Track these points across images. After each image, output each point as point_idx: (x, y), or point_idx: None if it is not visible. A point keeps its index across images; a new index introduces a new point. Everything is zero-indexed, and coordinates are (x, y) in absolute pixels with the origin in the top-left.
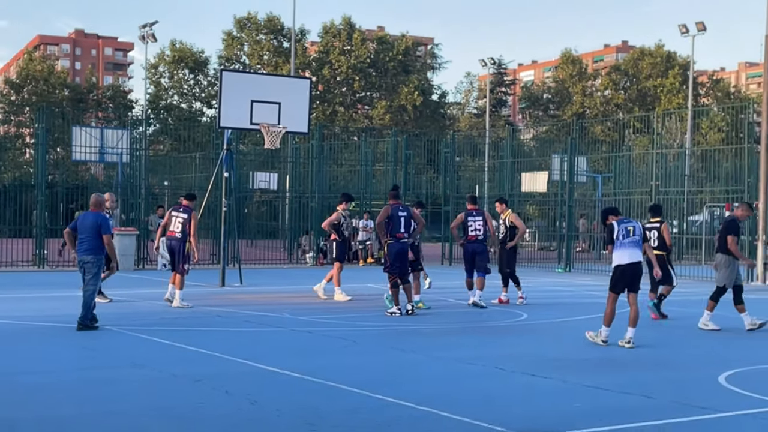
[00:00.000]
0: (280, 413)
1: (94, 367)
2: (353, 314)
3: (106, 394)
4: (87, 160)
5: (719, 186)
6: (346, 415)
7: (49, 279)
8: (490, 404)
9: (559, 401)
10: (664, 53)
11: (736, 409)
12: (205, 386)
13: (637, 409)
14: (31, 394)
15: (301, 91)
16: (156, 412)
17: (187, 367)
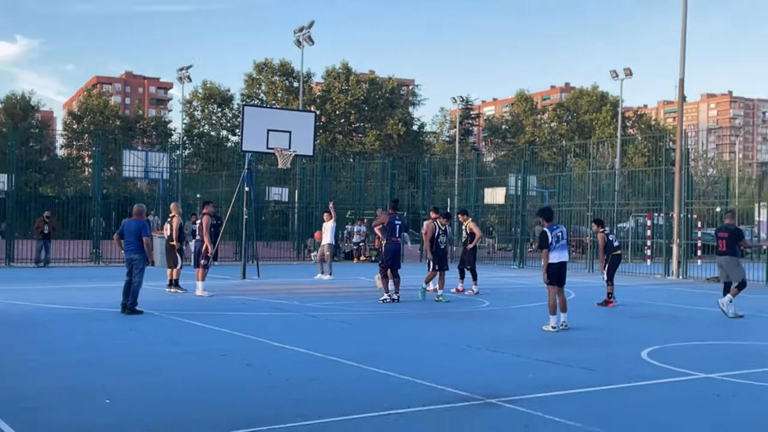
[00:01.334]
0: (290, 382)
1: (138, 344)
2: (349, 302)
3: (148, 366)
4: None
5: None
6: (342, 383)
7: (103, 273)
8: (458, 374)
9: (515, 372)
10: (599, 93)
11: (656, 378)
12: (229, 360)
13: (578, 379)
14: (88, 365)
15: (308, 122)
16: (189, 381)
17: (215, 344)
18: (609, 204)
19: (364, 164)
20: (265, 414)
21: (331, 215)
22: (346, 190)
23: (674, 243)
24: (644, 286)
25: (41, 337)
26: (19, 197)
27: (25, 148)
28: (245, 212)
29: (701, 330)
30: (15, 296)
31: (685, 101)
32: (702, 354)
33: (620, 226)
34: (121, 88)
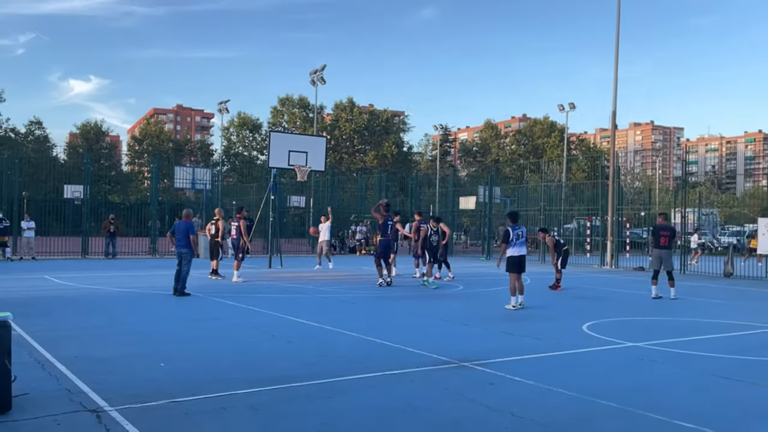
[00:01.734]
0: (305, 348)
1: (186, 319)
2: (353, 286)
3: (195, 336)
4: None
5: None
6: (347, 350)
7: (158, 263)
8: (438, 343)
9: (483, 341)
10: (549, 122)
11: (593, 347)
12: (258, 331)
13: (533, 347)
14: (145, 336)
15: (321, 145)
16: (227, 348)
17: (247, 320)
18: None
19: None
20: (286, 374)
21: (328, 217)
22: (350, 198)
23: (608, 240)
24: (585, 274)
25: (108, 313)
26: (93, 204)
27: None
28: (271, 215)
29: (630, 309)
30: (88, 281)
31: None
32: (630, 328)
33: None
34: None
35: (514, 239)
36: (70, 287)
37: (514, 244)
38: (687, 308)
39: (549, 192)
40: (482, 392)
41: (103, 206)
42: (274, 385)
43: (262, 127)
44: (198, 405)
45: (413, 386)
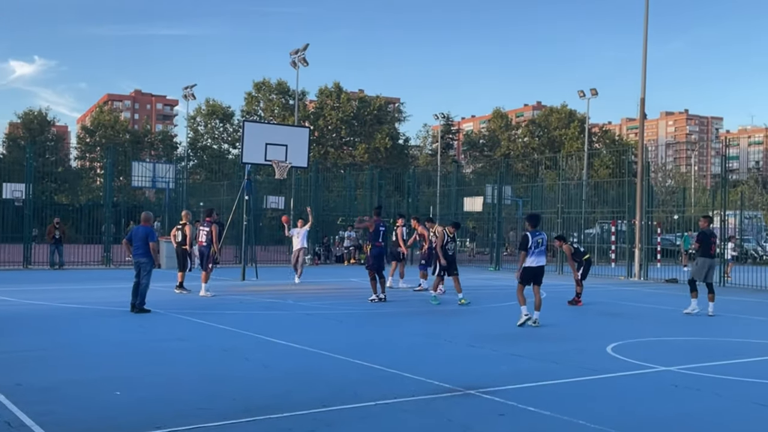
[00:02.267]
0: (286, 374)
1: (146, 340)
2: (340, 301)
3: (156, 359)
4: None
5: (607, 208)
6: (333, 375)
7: (113, 275)
8: (439, 367)
9: (491, 365)
10: (567, 111)
11: (619, 371)
12: (230, 354)
13: (549, 371)
14: (99, 360)
15: (302, 137)
16: (193, 374)
17: (217, 341)
18: (577, 212)
19: (354, 175)
20: (262, 404)
21: (307, 220)
22: (338, 198)
23: (636, 247)
24: (609, 286)
25: (55, 333)
26: (36, 205)
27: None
28: (245, 219)
29: (661, 326)
30: (31, 296)
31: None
32: (661, 349)
33: (587, 232)
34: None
35: (533, 247)
36: (9, 302)
37: (533, 252)
38: (727, 326)
39: (568, 191)
40: (491, 425)
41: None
42: (249, 416)
43: (235, 117)
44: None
45: (410, 418)
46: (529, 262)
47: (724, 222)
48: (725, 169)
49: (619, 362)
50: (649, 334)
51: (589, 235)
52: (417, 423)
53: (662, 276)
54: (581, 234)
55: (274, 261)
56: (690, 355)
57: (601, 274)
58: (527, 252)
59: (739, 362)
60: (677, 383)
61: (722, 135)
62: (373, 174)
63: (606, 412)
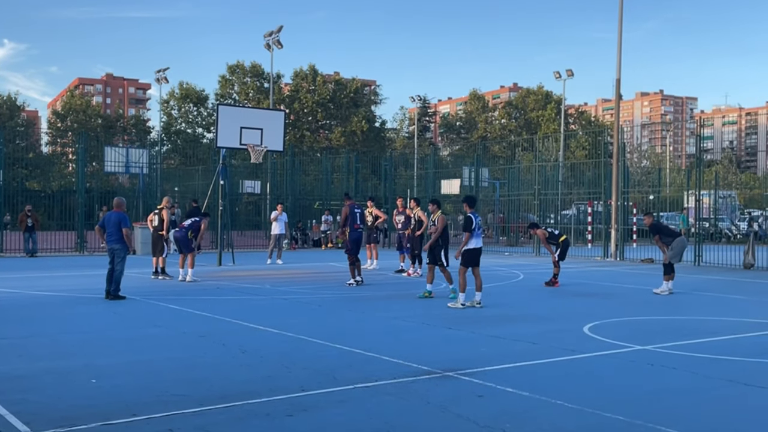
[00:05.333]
0: (263, 359)
1: (122, 327)
2: (318, 285)
3: (132, 347)
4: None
5: (583, 189)
6: (312, 360)
7: (87, 261)
8: (418, 350)
9: (469, 347)
10: (544, 92)
11: (596, 351)
12: (207, 340)
13: (527, 353)
14: (77, 347)
15: (278, 120)
16: (169, 360)
17: (193, 326)
18: (553, 193)
19: (330, 159)
20: (240, 389)
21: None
22: (314, 182)
23: (612, 228)
24: (586, 267)
25: (29, 322)
26: (7, 192)
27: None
28: (221, 204)
29: (637, 307)
30: (4, 284)
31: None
32: (637, 328)
33: (564, 213)
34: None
35: (476, 227)
36: None
37: (476, 234)
38: (703, 305)
39: (544, 173)
40: (470, 406)
41: (20, 195)
42: (227, 402)
43: (209, 100)
44: (137, 428)
45: (389, 401)
46: (473, 243)
47: (698, 202)
48: (700, 149)
49: (596, 342)
50: (626, 313)
51: (565, 216)
52: (396, 405)
53: (638, 256)
54: (558, 215)
55: (251, 246)
56: (665, 334)
57: (577, 255)
58: (471, 233)
59: (713, 340)
60: (653, 362)
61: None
62: (350, 158)
63: (584, 392)
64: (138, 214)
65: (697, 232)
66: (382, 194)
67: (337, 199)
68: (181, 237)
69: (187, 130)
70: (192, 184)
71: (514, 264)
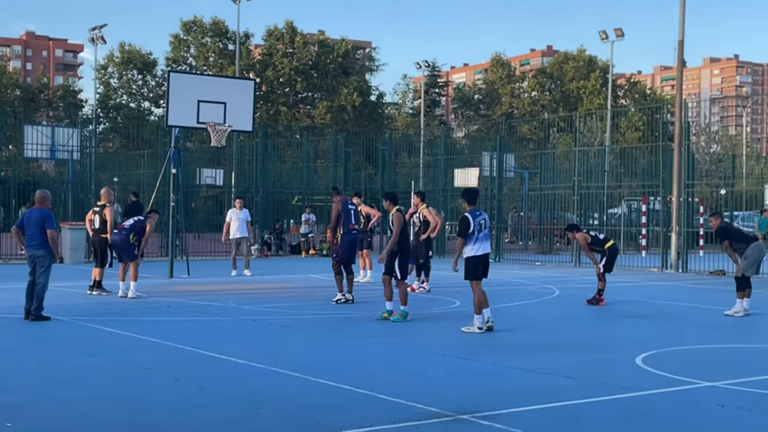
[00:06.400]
0: (227, 398)
1: (46, 356)
2: (297, 303)
3: (58, 381)
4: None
5: (636, 181)
6: (288, 399)
7: (2, 272)
8: (424, 386)
9: (489, 383)
10: (586, 57)
11: (652, 388)
12: (154, 373)
13: (560, 389)
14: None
15: (246, 92)
16: (107, 399)
17: (138, 356)
18: (598, 186)
19: (314, 141)
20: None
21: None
22: (292, 171)
23: (673, 231)
24: (639, 280)
25: None
26: None
27: None
28: (172, 199)
29: (704, 332)
30: None
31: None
32: (704, 359)
33: (611, 212)
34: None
35: (475, 230)
36: None
37: (476, 237)
38: None
39: (586, 161)
40: None
41: None
42: None
43: (158, 66)
44: None
45: None
46: (473, 250)
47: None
48: None
49: (652, 377)
50: (689, 341)
51: (613, 216)
52: None
53: (706, 267)
54: (604, 215)
55: (211, 253)
56: (739, 367)
57: (629, 266)
58: (468, 238)
59: None
60: (723, 402)
61: None
62: (338, 140)
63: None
64: (67, 212)
65: None
66: (380, 187)
67: (321, 194)
68: (121, 241)
69: (129, 104)
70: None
71: (548, 277)
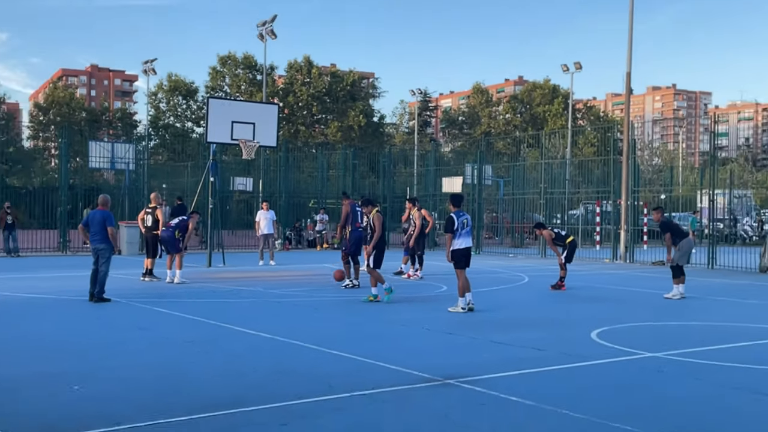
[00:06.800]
0: (256, 365)
1: (106, 331)
2: (312, 288)
3: (116, 351)
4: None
5: (592, 188)
6: (307, 366)
7: (70, 262)
8: (417, 356)
9: (471, 353)
10: (551, 86)
11: (604, 358)
12: (195, 346)
13: (531, 359)
14: (59, 352)
15: (271, 114)
16: (156, 366)
17: (182, 331)
18: (560, 192)
19: (326, 155)
20: (232, 397)
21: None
22: (309, 180)
23: (622, 229)
24: (594, 270)
25: (8, 325)
26: None
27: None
28: (210, 202)
29: (647, 312)
30: None
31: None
32: (647, 334)
33: (571, 213)
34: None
35: (459, 228)
36: None
37: (460, 233)
38: (715, 310)
39: (551, 171)
40: (472, 415)
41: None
42: (217, 411)
43: (199, 93)
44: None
45: (387, 409)
46: (458, 244)
47: (712, 202)
48: (714, 146)
49: (604, 349)
50: (635, 319)
51: (573, 216)
52: (394, 414)
53: (649, 258)
54: (565, 215)
55: (243, 246)
56: (676, 340)
57: (585, 257)
58: (454, 234)
59: (725, 347)
60: (664, 369)
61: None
62: (347, 153)
63: (591, 401)
64: (124, 212)
65: (711, 234)
66: (381, 192)
67: (333, 197)
68: (168, 237)
69: (175, 125)
70: (180, 181)
71: (519, 266)
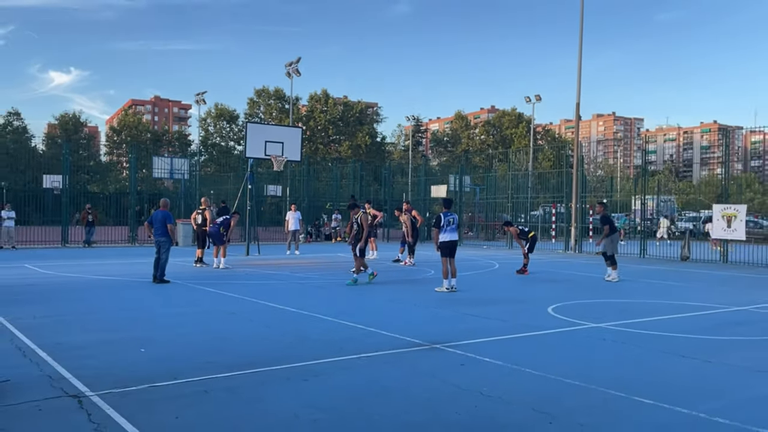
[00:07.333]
0: (283, 333)
1: (166, 306)
2: (328, 272)
3: (175, 322)
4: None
5: (549, 194)
6: (323, 334)
7: (137, 251)
8: (410, 326)
9: (452, 324)
10: (517, 113)
11: (558, 328)
12: (236, 317)
13: (499, 329)
14: (127, 323)
15: (296, 135)
16: (205, 334)
17: (225, 305)
18: (524, 197)
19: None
20: (263, 358)
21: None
22: (325, 187)
23: (572, 226)
24: (550, 258)
25: (88, 301)
26: (72, 194)
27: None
28: (248, 204)
29: (592, 291)
30: (67, 270)
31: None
32: (592, 309)
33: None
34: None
35: (445, 225)
36: (49, 276)
37: (445, 229)
38: (646, 290)
39: (516, 180)
40: (453, 373)
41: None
42: (252, 368)
43: (239, 118)
44: (178, 389)
45: (386, 368)
46: (444, 237)
47: (644, 205)
48: (645, 161)
49: (558, 320)
50: (583, 297)
51: (534, 216)
52: (391, 372)
53: (594, 249)
54: (527, 215)
55: (273, 239)
56: (615, 314)
57: (543, 249)
58: (440, 229)
59: (654, 319)
60: (605, 337)
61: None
62: (355, 167)
63: (547, 362)
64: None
65: (642, 230)
66: (382, 197)
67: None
68: (215, 232)
69: (220, 143)
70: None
71: (491, 255)
